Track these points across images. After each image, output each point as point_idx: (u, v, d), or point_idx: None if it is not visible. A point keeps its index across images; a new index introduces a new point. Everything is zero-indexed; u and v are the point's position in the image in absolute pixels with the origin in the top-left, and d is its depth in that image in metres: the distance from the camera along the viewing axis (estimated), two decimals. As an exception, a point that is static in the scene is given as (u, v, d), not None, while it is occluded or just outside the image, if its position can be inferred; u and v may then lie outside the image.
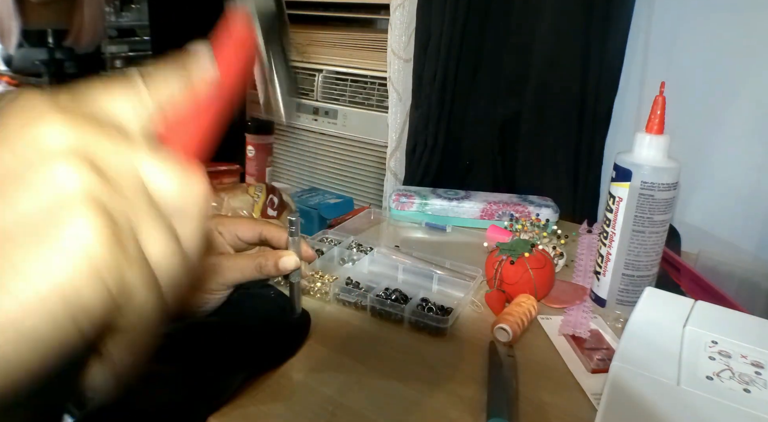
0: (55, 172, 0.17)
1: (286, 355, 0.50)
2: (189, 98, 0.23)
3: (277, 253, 0.45)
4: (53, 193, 0.17)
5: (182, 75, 0.23)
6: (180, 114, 0.23)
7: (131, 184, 0.19)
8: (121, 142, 0.19)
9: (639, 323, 0.43)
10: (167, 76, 0.23)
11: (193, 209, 0.21)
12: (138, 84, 0.22)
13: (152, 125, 0.22)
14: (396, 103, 1.08)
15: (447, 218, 0.86)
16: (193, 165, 0.21)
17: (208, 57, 0.25)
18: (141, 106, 0.21)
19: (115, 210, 0.18)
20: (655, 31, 0.85)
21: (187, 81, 0.23)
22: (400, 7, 1.02)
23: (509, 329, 0.53)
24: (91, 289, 0.17)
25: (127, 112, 0.21)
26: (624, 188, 0.57)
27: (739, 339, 0.40)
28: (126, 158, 0.19)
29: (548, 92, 0.92)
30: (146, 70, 0.22)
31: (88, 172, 0.17)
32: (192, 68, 0.24)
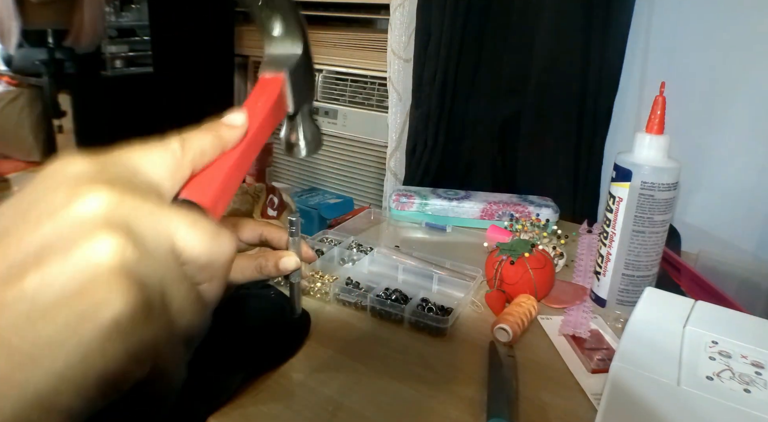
0: (96, 246, 0.18)
1: (285, 355, 0.50)
2: (220, 164, 0.25)
3: (277, 254, 0.45)
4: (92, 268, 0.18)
5: (216, 144, 0.25)
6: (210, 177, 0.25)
7: (165, 250, 0.20)
8: (156, 207, 0.20)
9: (639, 323, 0.43)
10: (202, 144, 0.25)
11: (219, 267, 0.22)
12: (176, 149, 0.23)
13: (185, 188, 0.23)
14: (396, 103, 1.08)
15: (447, 218, 0.86)
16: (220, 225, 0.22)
17: (243, 130, 0.27)
18: (176, 170, 0.23)
19: (150, 279, 0.19)
20: (655, 31, 0.85)
21: (221, 147, 0.26)
22: (400, 7, 1.02)
23: (509, 329, 0.53)
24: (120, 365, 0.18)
25: (163, 175, 0.22)
26: (624, 188, 0.57)
27: (739, 340, 0.40)
28: (161, 223, 0.20)
29: (548, 92, 0.92)
30: (184, 136, 0.24)
31: (126, 244, 0.18)
32: (226, 139, 0.26)
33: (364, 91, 1.24)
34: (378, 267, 0.70)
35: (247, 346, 0.47)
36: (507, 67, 0.97)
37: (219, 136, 0.26)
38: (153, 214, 0.20)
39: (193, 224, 0.21)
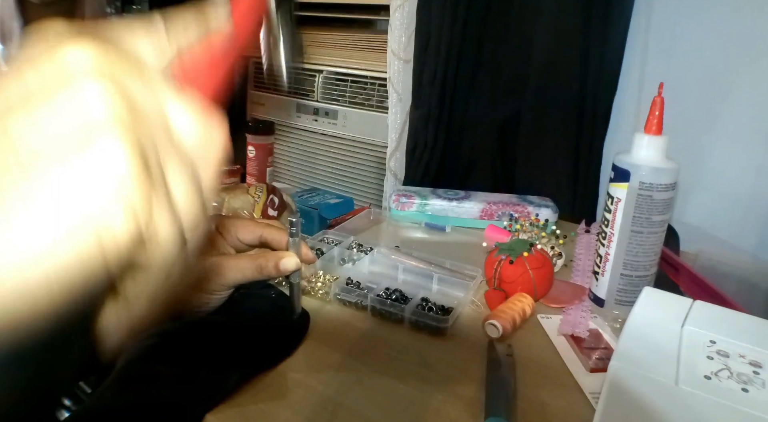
0: (85, 91, 0.16)
1: (283, 355, 0.50)
2: (205, 46, 0.23)
3: (277, 254, 0.45)
4: (81, 111, 0.16)
5: (201, 23, 0.23)
6: (196, 60, 0.23)
7: (157, 117, 0.18)
8: (147, 76, 0.18)
9: (637, 323, 0.43)
10: (187, 23, 0.22)
11: (212, 154, 0.20)
12: (159, 27, 0.21)
13: (171, 68, 0.21)
14: (396, 104, 1.08)
15: (447, 218, 0.86)
16: (212, 110, 0.20)
17: (226, 9, 0.25)
18: (162, 48, 0.21)
19: (143, 136, 0.17)
20: (654, 32, 0.85)
21: (205, 29, 0.23)
22: (400, 7, 1.02)
23: (499, 325, 0.53)
24: (121, 219, 0.16)
25: (148, 50, 0.20)
26: (622, 188, 0.57)
27: (737, 339, 0.41)
28: (152, 92, 0.18)
29: (548, 93, 0.92)
30: (167, 15, 0.22)
31: (117, 94, 0.16)
32: (210, 18, 0.24)
33: (364, 91, 1.24)
34: (378, 267, 0.70)
35: (244, 345, 0.48)
36: (506, 67, 0.97)
37: (202, 13, 0.24)
38: (143, 81, 0.18)
39: (183, 100, 0.19)
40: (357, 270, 0.67)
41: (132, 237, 0.17)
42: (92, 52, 0.17)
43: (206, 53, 0.23)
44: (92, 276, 0.16)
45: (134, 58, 0.19)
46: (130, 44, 0.20)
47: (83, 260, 0.16)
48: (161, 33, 0.21)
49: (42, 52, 0.17)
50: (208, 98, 0.23)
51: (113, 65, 0.17)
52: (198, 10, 0.23)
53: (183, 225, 0.19)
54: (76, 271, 0.16)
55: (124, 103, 0.17)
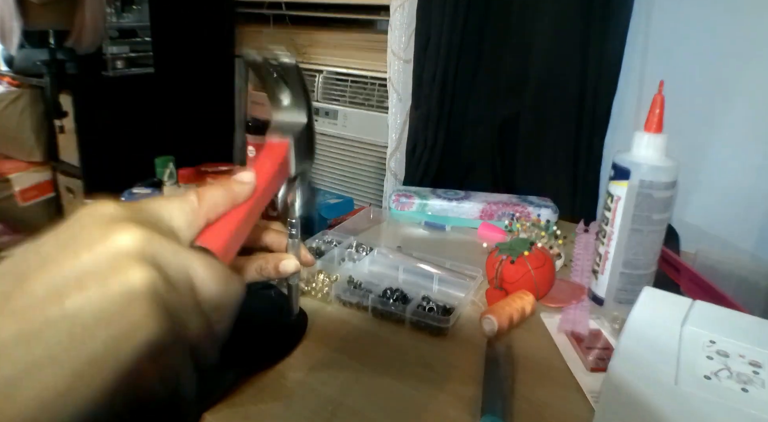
0: (131, 276, 0.21)
1: (280, 355, 0.50)
2: (231, 216, 0.29)
3: (277, 256, 0.45)
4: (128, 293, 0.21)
5: (228, 199, 0.29)
6: (222, 227, 0.28)
7: (186, 283, 0.23)
8: (178, 250, 0.23)
9: (637, 322, 0.43)
10: (216, 198, 0.28)
11: (229, 306, 0.26)
12: (193, 202, 0.27)
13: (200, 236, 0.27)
14: (396, 104, 1.08)
15: (447, 218, 0.86)
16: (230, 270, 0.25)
17: (251, 187, 0.31)
18: (193, 220, 0.27)
19: (174, 306, 0.22)
20: (654, 31, 0.85)
21: (232, 204, 0.29)
22: (400, 8, 1.02)
23: (494, 319, 0.53)
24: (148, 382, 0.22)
25: (182, 224, 0.26)
26: (622, 187, 0.57)
27: (737, 339, 0.41)
28: (183, 262, 0.23)
29: (547, 92, 0.92)
30: (200, 191, 0.28)
31: (156, 275, 0.21)
32: (237, 194, 0.30)
33: (364, 91, 1.24)
34: (378, 267, 0.70)
35: (241, 345, 0.47)
36: (506, 67, 0.97)
37: (231, 191, 0.29)
38: (176, 253, 0.23)
39: (209, 266, 0.24)
40: (357, 270, 0.67)
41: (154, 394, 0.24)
42: (137, 238, 0.22)
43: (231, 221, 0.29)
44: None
45: (170, 235, 0.24)
46: (166, 221, 0.25)
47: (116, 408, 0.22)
48: (194, 209, 0.27)
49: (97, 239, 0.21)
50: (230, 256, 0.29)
51: (153, 244, 0.22)
52: (228, 188, 0.29)
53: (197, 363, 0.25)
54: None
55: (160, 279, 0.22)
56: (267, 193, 0.33)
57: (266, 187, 0.32)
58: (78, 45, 1.33)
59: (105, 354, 0.20)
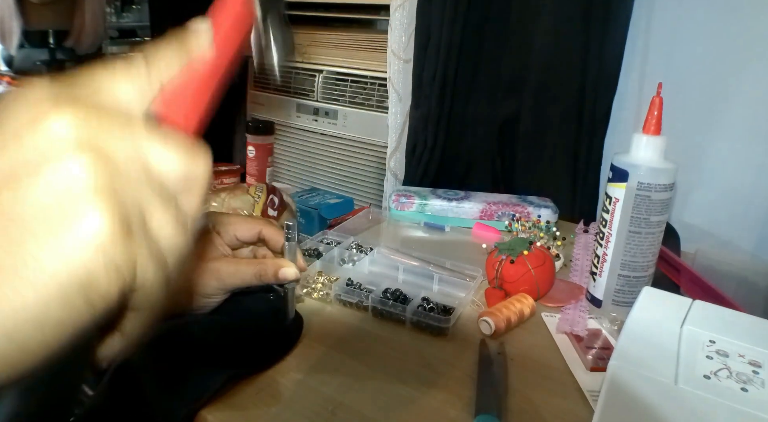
0: (66, 164, 0.18)
1: (273, 359, 0.50)
2: (188, 76, 0.24)
3: (277, 263, 0.45)
4: (65, 185, 0.18)
5: (182, 55, 0.24)
6: (180, 91, 0.24)
7: (138, 169, 0.20)
8: (126, 129, 0.20)
9: (637, 322, 0.43)
10: (168, 57, 0.23)
11: (196, 184, 0.22)
12: (140, 66, 0.22)
13: (154, 105, 0.23)
14: (396, 104, 1.08)
15: (447, 218, 0.86)
16: (193, 140, 0.21)
17: (208, 36, 0.25)
18: (144, 87, 0.22)
19: (125, 197, 0.19)
20: (654, 32, 0.86)
21: (187, 60, 0.24)
22: (400, 7, 1.02)
23: (491, 322, 0.53)
24: (105, 277, 0.18)
25: (130, 95, 0.22)
26: (621, 189, 0.57)
27: (736, 339, 0.41)
28: (131, 144, 0.20)
29: (547, 93, 0.93)
30: (148, 52, 0.23)
31: (97, 162, 0.18)
32: (192, 48, 0.25)
33: (364, 91, 1.24)
34: (378, 267, 0.70)
35: (234, 346, 0.47)
36: (506, 67, 0.97)
37: (184, 45, 0.25)
38: (123, 136, 0.19)
39: (165, 141, 0.20)
40: (357, 270, 0.67)
41: (118, 292, 0.19)
42: (73, 122, 0.18)
43: (189, 82, 0.24)
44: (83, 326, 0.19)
45: (114, 111, 0.20)
46: (110, 95, 0.21)
47: (73, 316, 0.18)
48: (142, 74, 0.22)
49: (26, 126, 0.18)
50: (192, 125, 0.24)
51: (93, 131, 0.19)
52: (180, 42, 0.24)
53: (168, 262, 0.21)
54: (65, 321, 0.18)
55: (105, 170, 0.18)
56: (230, 43, 0.27)
57: (227, 35, 0.27)
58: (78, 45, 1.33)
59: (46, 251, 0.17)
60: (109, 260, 0.18)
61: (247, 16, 0.30)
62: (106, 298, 0.19)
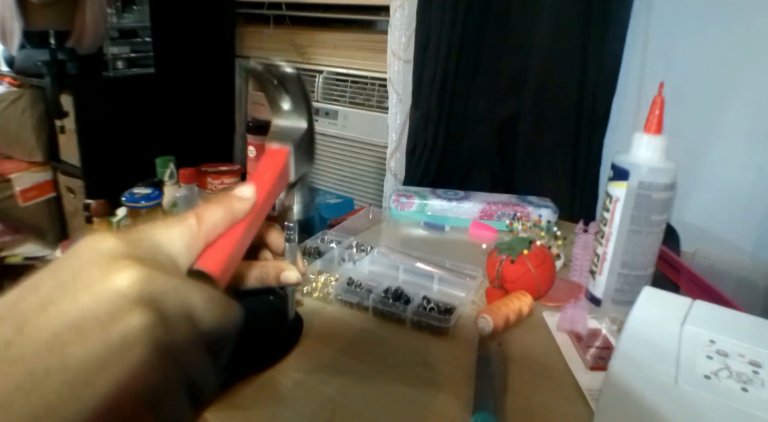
0: (129, 319, 0.20)
1: (272, 360, 0.50)
2: (230, 235, 0.29)
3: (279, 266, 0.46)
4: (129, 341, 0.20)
5: (227, 218, 0.29)
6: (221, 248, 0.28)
7: (184, 318, 0.23)
8: (179, 283, 0.23)
9: (637, 322, 0.43)
10: (216, 219, 0.28)
11: (228, 333, 0.26)
12: (192, 224, 0.26)
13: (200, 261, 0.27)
14: (396, 104, 1.08)
15: (446, 218, 0.86)
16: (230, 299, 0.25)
17: (251, 204, 0.30)
18: (193, 243, 0.26)
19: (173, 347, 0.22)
20: (653, 32, 0.86)
21: (231, 222, 0.29)
22: (400, 8, 1.02)
23: (489, 319, 0.53)
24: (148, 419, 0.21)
25: (181, 249, 0.25)
26: (621, 188, 0.57)
27: (736, 339, 0.41)
28: (182, 297, 0.23)
29: (547, 93, 0.93)
30: (199, 212, 0.27)
31: (155, 319, 0.21)
32: (237, 213, 0.29)
33: (364, 91, 1.24)
34: (378, 267, 0.70)
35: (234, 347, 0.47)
36: (506, 67, 0.97)
37: (231, 209, 0.29)
38: (176, 290, 0.22)
39: (208, 298, 0.24)
40: (357, 270, 0.67)
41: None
42: (137, 276, 0.21)
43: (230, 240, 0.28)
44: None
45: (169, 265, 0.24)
46: (166, 247, 0.25)
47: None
48: (193, 230, 0.26)
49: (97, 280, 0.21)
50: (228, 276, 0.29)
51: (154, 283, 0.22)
52: (227, 207, 0.29)
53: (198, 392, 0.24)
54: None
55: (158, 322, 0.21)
56: (267, 204, 0.33)
57: (266, 198, 0.32)
58: (79, 45, 1.33)
59: (104, 404, 0.20)
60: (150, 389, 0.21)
61: (284, 180, 0.35)
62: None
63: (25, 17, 1.29)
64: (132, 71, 1.44)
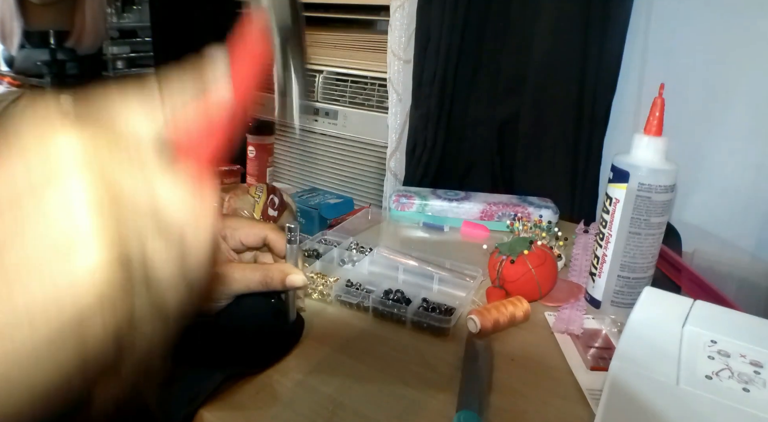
0: (69, 188, 0.17)
1: (272, 360, 0.49)
2: (203, 107, 0.23)
3: (284, 270, 0.45)
4: (65, 212, 0.17)
5: (198, 84, 0.23)
6: (193, 123, 0.23)
7: (144, 201, 0.18)
8: (135, 156, 0.19)
9: (638, 322, 0.43)
10: (183, 85, 0.23)
11: (203, 222, 0.21)
12: (154, 93, 0.22)
13: (166, 135, 0.21)
14: (396, 104, 1.08)
15: (447, 219, 0.86)
16: (204, 177, 0.21)
17: (224, 66, 0.24)
18: (156, 115, 0.21)
19: (127, 230, 0.18)
20: (653, 32, 0.85)
21: (202, 90, 0.23)
22: (400, 8, 1.02)
23: (477, 320, 0.53)
24: (100, 316, 0.17)
25: (141, 122, 0.21)
26: (621, 189, 0.57)
27: (738, 339, 0.41)
28: (139, 173, 0.19)
29: (547, 93, 0.93)
30: (162, 78, 0.22)
31: (100, 189, 0.17)
32: (208, 77, 0.24)
33: (364, 91, 1.24)
34: (378, 267, 0.70)
35: (233, 346, 0.47)
36: (506, 67, 0.97)
37: (199, 73, 0.24)
38: (130, 161, 0.18)
39: (173, 181, 0.19)
40: (357, 271, 0.67)
41: (113, 332, 0.18)
42: (80, 144, 0.17)
43: (203, 116, 0.23)
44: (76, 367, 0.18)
45: (123, 138, 0.19)
46: (121, 117, 0.20)
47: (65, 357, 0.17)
48: (156, 100, 0.21)
49: (32, 142, 0.17)
50: (205, 158, 0.23)
51: (101, 156, 0.17)
52: (196, 72, 0.23)
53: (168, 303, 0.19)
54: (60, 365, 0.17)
55: (108, 198, 0.17)
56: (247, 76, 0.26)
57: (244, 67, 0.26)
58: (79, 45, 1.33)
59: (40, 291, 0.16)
60: (104, 299, 0.17)
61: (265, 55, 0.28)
62: (100, 339, 0.17)
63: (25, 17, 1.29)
64: (132, 71, 1.44)
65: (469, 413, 0.42)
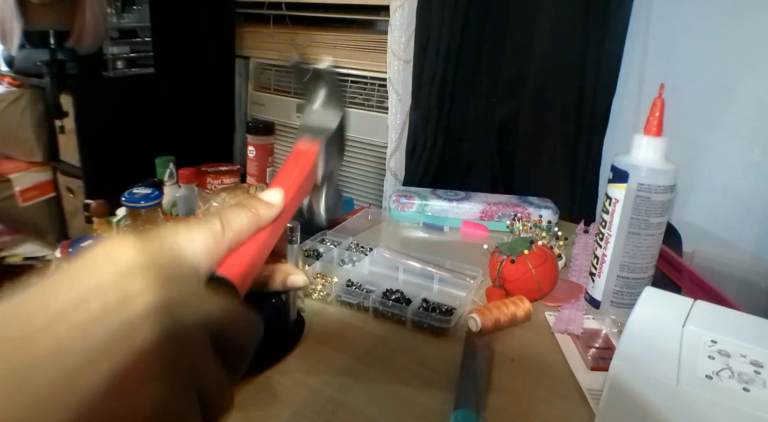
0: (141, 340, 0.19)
1: (273, 359, 0.50)
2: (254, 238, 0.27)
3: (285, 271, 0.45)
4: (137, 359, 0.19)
5: (253, 225, 0.27)
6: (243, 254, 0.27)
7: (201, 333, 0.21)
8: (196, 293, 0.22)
9: (638, 322, 0.43)
10: (240, 224, 0.27)
11: (246, 346, 0.24)
12: (216, 230, 0.25)
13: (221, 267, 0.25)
14: (396, 104, 1.08)
15: (447, 219, 0.86)
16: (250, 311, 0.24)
17: (279, 209, 0.29)
18: (216, 249, 0.25)
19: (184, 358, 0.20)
20: (653, 33, 0.85)
21: (256, 229, 0.28)
22: (400, 8, 1.02)
23: (478, 319, 0.54)
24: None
25: (203, 256, 0.24)
26: (621, 190, 0.57)
27: (738, 339, 0.41)
28: (200, 309, 0.21)
29: (547, 93, 0.93)
30: (223, 216, 0.26)
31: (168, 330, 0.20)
32: (263, 219, 0.28)
33: (364, 91, 1.24)
34: (378, 267, 0.70)
35: None
36: (505, 68, 0.97)
37: (257, 215, 0.28)
38: (195, 302, 0.21)
39: (227, 310, 0.22)
40: (357, 271, 0.67)
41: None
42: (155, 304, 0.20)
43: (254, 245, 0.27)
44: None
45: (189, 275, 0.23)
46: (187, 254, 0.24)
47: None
48: (218, 236, 0.25)
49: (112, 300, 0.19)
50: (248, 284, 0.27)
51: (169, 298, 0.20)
52: (253, 208, 0.28)
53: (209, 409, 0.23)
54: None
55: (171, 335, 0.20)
56: (292, 208, 0.31)
57: (292, 202, 0.30)
58: (78, 45, 1.33)
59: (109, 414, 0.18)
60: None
61: (311, 181, 0.33)
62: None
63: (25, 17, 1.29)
64: (132, 71, 1.44)
65: (467, 411, 0.42)
